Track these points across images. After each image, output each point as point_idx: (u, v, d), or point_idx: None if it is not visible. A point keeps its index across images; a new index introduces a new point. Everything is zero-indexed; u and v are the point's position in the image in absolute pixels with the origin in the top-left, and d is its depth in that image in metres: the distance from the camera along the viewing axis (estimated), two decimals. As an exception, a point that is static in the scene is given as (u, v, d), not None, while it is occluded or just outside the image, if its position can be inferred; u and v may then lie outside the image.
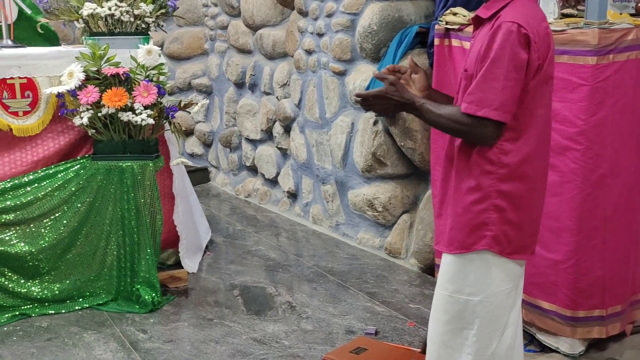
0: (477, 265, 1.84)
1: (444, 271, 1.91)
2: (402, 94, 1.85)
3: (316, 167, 4.30)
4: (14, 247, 3.01)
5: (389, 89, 1.85)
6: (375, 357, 2.58)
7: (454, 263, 1.88)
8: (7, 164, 3.08)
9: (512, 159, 1.79)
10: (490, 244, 1.82)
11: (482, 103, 1.74)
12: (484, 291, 1.84)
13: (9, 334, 2.86)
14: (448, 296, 1.89)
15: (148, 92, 3.07)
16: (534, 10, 1.81)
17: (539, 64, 1.76)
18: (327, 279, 3.49)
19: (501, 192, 1.80)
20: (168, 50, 5.63)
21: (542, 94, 1.81)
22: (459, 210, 1.84)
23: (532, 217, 1.86)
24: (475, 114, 1.74)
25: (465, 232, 1.83)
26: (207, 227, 4.09)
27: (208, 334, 2.86)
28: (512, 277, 1.87)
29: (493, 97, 1.73)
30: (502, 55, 1.73)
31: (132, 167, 3.10)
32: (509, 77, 1.72)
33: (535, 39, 1.74)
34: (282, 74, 4.62)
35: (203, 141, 5.75)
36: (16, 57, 3.07)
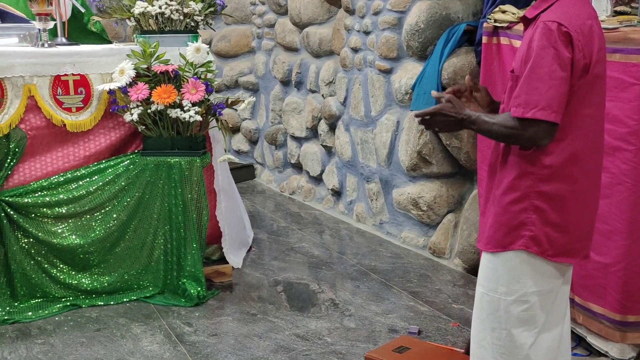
0: (512, 265, 1.83)
1: (482, 269, 1.91)
2: (458, 110, 1.85)
3: (361, 165, 4.30)
4: (66, 239, 3.10)
5: (446, 106, 1.85)
6: (417, 357, 2.57)
7: (490, 261, 1.88)
8: (60, 159, 3.17)
9: (554, 159, 1.76)
10: (527, 245, 1.80)
11: (528, 105, 1.72)
12: (518, 291, 1.83)
13: (61, 324, 2.94)
14: (484, 294, 1.89)
15: (196, 90, 3.12)
16: (579, 8, 1.76)
17: (585, 63, 1.73)
18: (370, 277, 3.49)
19: (541, 193, 1.77)
20: (216, 48, 5.70)
21: (588, 94, 1.77)
22: (498, 210, 1.84)
23: (581, 219, 1.82)
24: (524, 117, 1.72)
25: (503, 232, 1.83)
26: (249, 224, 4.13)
27: (251, 329, 2.89)
28: (550, 279, 1.83)
29: (538, 97, 1.70)
30: (544, 55, 1.70)
31: (180, 163, 3.15)
32: (553, 76, 1.70)
33: (578, 37, 1.70)
34: (328, 72, 4.63)
35: (249, 138, 5.80)
36: (70, 55, 3.15)
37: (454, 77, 3.49)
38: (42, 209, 3.06)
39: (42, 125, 3.12)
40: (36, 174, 3.12)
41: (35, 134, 3.11)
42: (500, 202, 1.83)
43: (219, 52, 5.72)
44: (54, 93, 3.13)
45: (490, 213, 1.87)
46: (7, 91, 3.04)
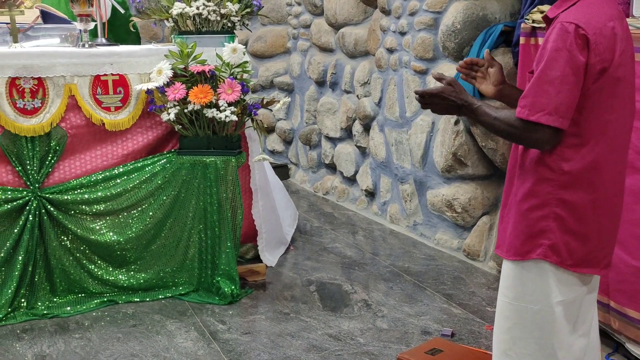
0: (535, 274, 1.77)
1: (504, 277, 1.85)
2: (459, 95, 1.78)
3: (395, 166, 4.29)
4: (104, 236, 3.16)
5: (446, 89, 1.79)
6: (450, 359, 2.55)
7: (512, 270, 1.82)
8: (99, 157, 3.23)
9: (573, 166, 1.70)
10: (546, 254, 1.74)
11: (535, 107, 1.66)
12: (543, 301, 1.77)
13: (98, 319, 3.00)
14: (508, 303, 1.84)
15: (232, 90, 3.15)
16: (601, 9, 1.69)
17: (603, 67, 1.66)
18: (403, 278, 3.48)
19: (562, 200, 1.72)
20: (252, 49, 5.75)
21: (609, 98, 1.69)
22: (517, 217, 1.78)
23: (602, 228, 1.76)
24: (528, 119, 1.67)
25: (521, 239, 1.77)
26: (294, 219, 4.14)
27: (284, 328, 2.91)
28: (573, 288, 1.78)
29: (546, 101, 1.64)
30: (557, 57, 1.64)
31: (216, 162, 3.18)
32: (564, 81, 1.63)
33: (596, 40, 1.63)
34: (363, 73, 4.63)
35: (283, 138, 5.83)
36: (109, 55, 3.21)
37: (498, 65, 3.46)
38: (81, 206, 3.13)
39: (82, 124, 3.18)
40: (76, 171, 3.18)
41: (75, 132, 3.17)
42: (519, 209, 1.77)
43: (254, 52, 5.76)
44: (93, 92, 3.19)
45: (510, 219, 1.82)
46: (48, 90, 3.11)
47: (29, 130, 3.06)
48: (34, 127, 3.07)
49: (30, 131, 3.06)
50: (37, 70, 3.07)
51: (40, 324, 2.94)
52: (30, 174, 3.07)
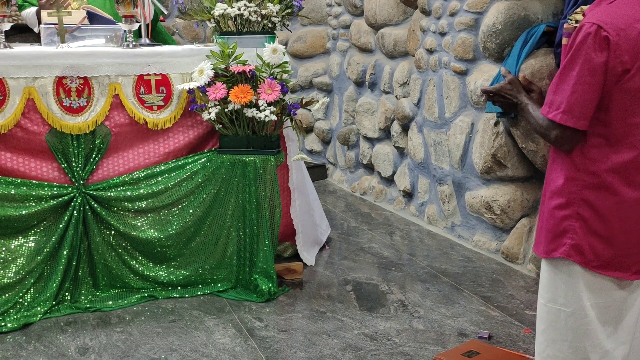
0: (565, 274, 1.77)
1: (541, 278, 1.86)
2: (515, 93, 1.86)
3: (433, 167, 4.27)
4: (145, 233, 3.22)
5: (505, 87, 1.87)
6: (487, 362, 2.54)
7: (546, 270, 1.82)
8: (141, 155, 3.29)
9: (599, 167, 1.69)
10: (568, 253, 1.73)
11: (552, 105, 1.69)
12: (575, 303, 1.76)
13: (138, 314, 3.06)
14: (543, 305, 1.83)
15: (272, 90, 3.18)
16: (631, 9, 1.66)
17: (624, 68, 1.63)
18: (440, 280, 3.46)
19: (586, 200, 1.71)
20: (292, 49, 5.78)
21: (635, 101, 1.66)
22: (546, 214, 1.79)
23: (630, 234, 1.72)
24: (547, 116, 1.71)
25: (548, 238, 1.78)
26: (327, 222, 4.17)
27: (321, 327, 2.93)
28: (606, 293, 1.75)
29: (561, 100, 1.66)
30: (575, 57, 1.65)
31: (255, 161, 3.22)
32: (580, 81, 1.64)
33: (618, 42, 1.61)
34: (402, 73, 4.62)
35: (322, 138, 5.85)
36: (153, 55, 3.27)
37: (532, 79, 3.42)
38: (123, 203, 3.19)
39: (126, 122, 3.25)
40: (119, 169, 3.25)
41: (118, 130, 3.24)
42: (548, 206, 1.79)
43: (294, 52, 5.80)
44: (137, 92, 3.25)
45: (542, 218, 1.83)
46: (94, 89, 3.18)
47: (75, 129, 3.14)
48: (79, 125, 3.15)
49: (76, 129, 3.14)
50: (83, 69, 3.15)
51: (83, 317, 3.01)
52: (76, 171, 3.15)
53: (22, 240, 3.08)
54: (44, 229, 3.12)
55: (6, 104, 3.06)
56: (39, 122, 3.12)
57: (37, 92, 3.10)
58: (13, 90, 3.07)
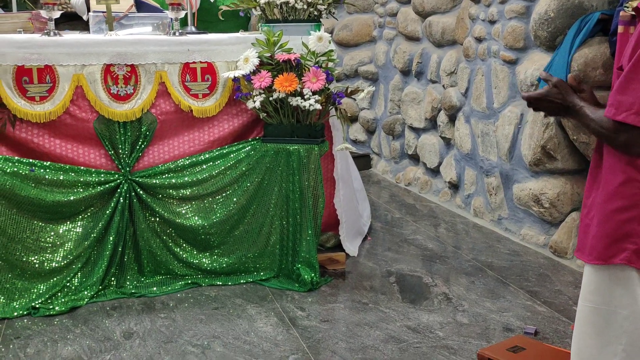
0: (620, 279, 1.68)
1: (587, 282, 1.75)
2: (565, 96, 1.73)
3: (480, 158, 4.19)
4: (189, 220, 3.24)
5: (551, 92, 1.74)
6: (533, 358, 2.48)
7: (595, 275, 1.72)
8: (186, 143, 3.31)
9: None
10: (630, 259, 1.64)
11: (621, 106, 1.57)
12: (630, 307, 1.67)
13: (182, 300, 3.09)
14: (593, 308, 1.74)
15: (317, 78, 3.15)
16: None
17: None
18: (485, 273, 3.40)
19: None
20: (337, 37, 5.74)
21: None
22: (601, 218, 1.69)
23: None
24: (614, 119, 1.59)
25: (604, 243, 1.68)
26: (368, 213, 4.14)
27: (363, 318, 2.90)
28: None
29: (634, 99, 1.55)
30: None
31: (299, 150, 3.20)
32: None
33: None
34: (450, 62, 4.54)
35: (366, 128, 5.81)
36: (199, 43, 3.28)
37: (585, 68, 3.32)
38: (168, 190, 3.22)
39: (171, 110, 3.27)
40: (164, 156, 3.28)
41: (164, 118, 3.27)
42: (604, 210, 1.68)
43: (340, 41, 5.76)
44: (182, 79, 3.27)
45: (592, 222, 1.72)
46: (140, 77, 3.21)
47: (122, 116, 3.17)
48: (126, 112, 3.18)
49: (123, 116, 3.18)
50: (130, 57, 3.18)
51: (128, 303, 3.06)
52: (122, 158, 3.19)
53: (70, 226, 3.14)
54: (91, 214, 3.17)
55: (56, 91, 3.11)
56: (87, 109, 3.16)
57: (86, 80, 3.14)
58: (62, 77, 3.12)
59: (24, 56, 3.06)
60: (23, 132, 3.11)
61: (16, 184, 2.99)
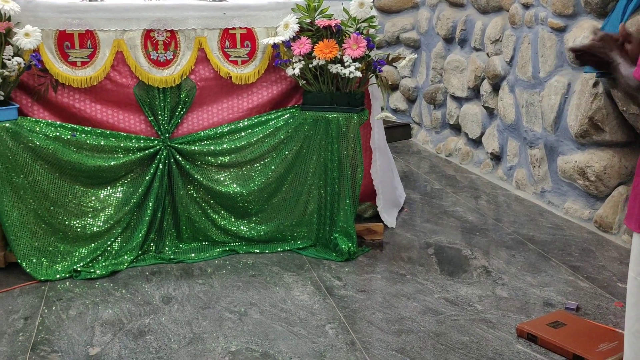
0: None
1: (632, 251, 1.72)
2: (606, 51, 1.72)
3: (524, 129, 4.08)
4: (228, 187, 3.24)
5: (594, 45, 1.74)
6: (574, 334, 2.42)
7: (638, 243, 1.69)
8: (225, 110, 3.30)
9: None
10: None
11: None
12: None
13: (220, 267, 3.11)
14: (634, 278, 1.71)
15: (358, 45, 3.09)
16: None
17: None
18: (527, 247, 3.33)
19: None
20: (379, 3, 5.64)
21: None
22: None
23: None
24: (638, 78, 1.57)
25: None
26: (402, 186, 4.10)
27: (400, 289, 2.88)
28: None
29: None
30: None
31: (338, 118, 3.16)
32: None
33: None
34: (495, 29, 4.41)
35: (407, 97, 5.72)
36: (238, 8, 3.24)
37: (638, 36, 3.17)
38: (207, 157, 3.22)
39: (210, 76, 3.26)
40: (203, 123, 3.27)
41: (203, 84, 3.25)
42: None
43: (382, 7, 5.65)
44: (222, 46, 3.24)
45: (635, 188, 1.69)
46: (180, 43, 3.19)
47: (161, 82, 3.17)
48: (165, 78, 3.17)
49: (162, 82, 3.17)
50: (170, 22, 3.16)
51: (167, 268, 3.09)
52: (162, 124, 3.20)
53: (110, 191, 3.17)
54: (131, 180, 3.20)
55: (97, 56, 3.12)
56: (127, 75, 3.17)
57: (126, 45, 3.14)
58: (103, 42, 3.12)
59: (66, 21, 3.07)
60: (65, 97, 3.13)
61: (58, 148, 3.02)
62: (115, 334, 2.50)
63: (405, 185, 4.30)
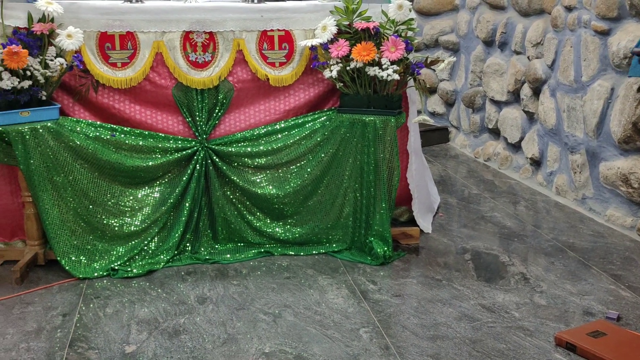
0: None
1: None
2: None
3: (565, 134, 4.00)
4: (264, 189, 3.24)
5: None
6: (615, 344, 2.36)
7: None
8: (262, 112, 3.30)
9: None
10: None
11: None
12: None
13: (255, 268, 3.11)
14: None
15: (396, 48, 3.07)
16: None
17: None
18: (566, 254, 3.26)
19: None
20: (418, 6, 5.60)
21: None
22: None
23: None
24: None
25: None
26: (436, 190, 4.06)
27: (435, 294, 2.85)
28: None
29: None
30: None
31: (375, 121, 3.14)
32: None
33: None
34: (536, 32, 4.34)
35: (445, 100, 5.66)
36: (277, 10, 3.24)
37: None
38: (243, 159, 3.23)
39: (248, 78, 3.27)
40: (240, 125, 3.28)
41: (241, 86, 3.26)
42: None
43: (421, 9, 5.61)
44: (260, 48, 3.25)
45: None
46: (218, 45, 3.21)
47: (200, 83, 3.19)
48: (204, 80, 3.20)
49: (201, 84, 3.19)
50: (209, 24, 3.18)
51: (202, 268, 3.10)
52: (199, 125, 3.22)
53: (148, 191, 3.21)
54: (169, 180, 3.23)
55: (136, 58, 3.16)
56: (166, 76, 3.20)
57: (165, 46, 3.17)
58: (143, 44, 3.16)
59: (107, 22, 3.11)
60: (105, 97, 3.18)
61: (98, 148, 3.06)
62: (150, 332, 2.52)
63: (443, 189, 4.25)
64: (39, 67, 2.92)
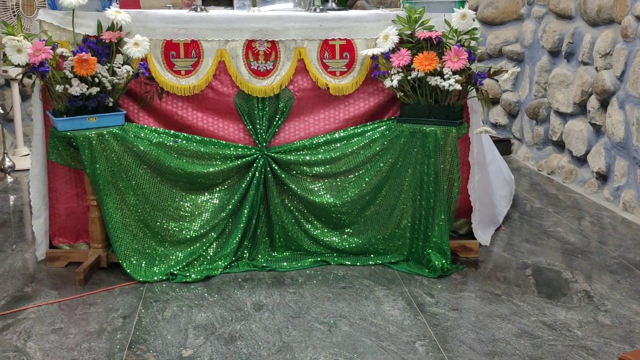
0: None
1: None
2: None
3: (634, 148, 3.86)
4: (321, 198, 3.24)
5: None
6: (685, 371, 2.25)
7: None
8: (322, 120, 3.31)
9: None
10: None
11: None
12: None
13: (311, 277, 3.11)
14: None
15: (458, 57, 3.03)
16: None
17: None
18: (633, 272, 3.14)
19: None
20: (482, 15, 5.52)
21: None
22: None
23: None
24: None
25: None
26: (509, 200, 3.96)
27: (494, 309, 2.78)
28: None
29: None
30: None
31: (436, 132, 3.10)
32: None
33: None
34: (605, 43, 4.21)
35: (508, 111, 5.56)
36: (338, 20, 3.25)
37: None
38: (302, 167, 3.24)
39: (308, 87, 3.28)
40: (299, 133, 3.30)
41: (301, 95, 3.28)
42: None
43: (484, 19, 5.53)
44: (321, 57, 3.26)
45: None
46: (280, 53, 3.23)
47: (261, 91, 3.22)
48: (265, 88, 3.22)
49: (262, 92, 3.22)
50: (271, 33, 3.21)
51: (259, 275, 3.12)
52: (259, 133, 3.25)
53: (207, 197, 3.25)
54: (228, 187, 3.26)
55: (200, 66, 3.21)
56: (228, 84, 3.24)
57: (228, 55, 3.21)
58: (207, 52, 3.21)
59: (172, 31, 3.18)
60: (169, 104, 3.24)
61: (161, 154, 3.13)
62: (207, 337, 2.55)
63: (503, 202, 4.16)
64: (106, 74, 3.00)
